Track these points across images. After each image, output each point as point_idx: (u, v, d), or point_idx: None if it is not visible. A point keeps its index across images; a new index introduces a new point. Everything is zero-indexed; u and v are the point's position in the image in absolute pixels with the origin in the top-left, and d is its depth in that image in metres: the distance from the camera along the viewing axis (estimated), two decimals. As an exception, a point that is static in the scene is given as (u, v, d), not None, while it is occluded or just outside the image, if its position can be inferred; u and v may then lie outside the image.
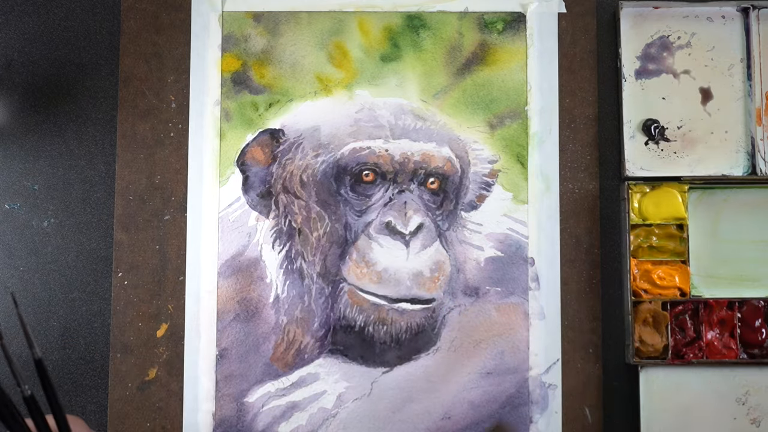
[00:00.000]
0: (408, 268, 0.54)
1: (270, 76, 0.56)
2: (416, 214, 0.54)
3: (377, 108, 0.55)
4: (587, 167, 0.55)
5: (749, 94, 0.55)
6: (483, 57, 0.56)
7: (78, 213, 0.55)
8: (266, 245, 0.54)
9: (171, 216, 0.54)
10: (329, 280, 0.54)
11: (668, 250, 0.54)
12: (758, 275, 0.55)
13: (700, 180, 0.54)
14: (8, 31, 0.56)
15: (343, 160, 0.55)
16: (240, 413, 0.53)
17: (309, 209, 0.54)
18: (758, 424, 0.53)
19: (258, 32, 0.56)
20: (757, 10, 0.56)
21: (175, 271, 0.54)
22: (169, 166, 0.55)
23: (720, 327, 0.53)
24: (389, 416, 0.53)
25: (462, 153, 0.55)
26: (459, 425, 0.53)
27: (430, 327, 0.54)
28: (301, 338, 0.54)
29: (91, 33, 0.57)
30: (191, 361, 0.53)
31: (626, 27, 0.56)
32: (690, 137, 0.56)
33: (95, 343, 0.54)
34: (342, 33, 0.56)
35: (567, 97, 0.56)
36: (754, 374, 0.53)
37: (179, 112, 0.55)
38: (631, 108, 0.56)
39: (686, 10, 0.56)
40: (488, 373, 0.54)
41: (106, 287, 0.54)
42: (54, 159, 0.56)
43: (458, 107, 0.56)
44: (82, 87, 0.56)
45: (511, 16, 0.56)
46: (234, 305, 0.54)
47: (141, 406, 0.53)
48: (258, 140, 0.55)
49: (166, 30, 0.56)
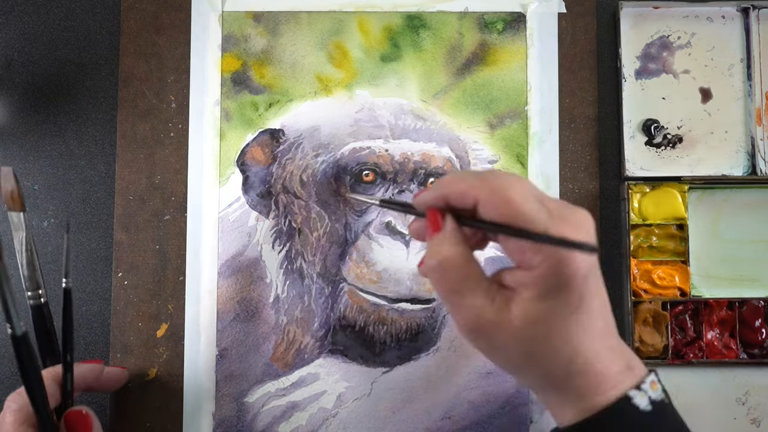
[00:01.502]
0: (408, 268, 0.54)
1: (270, 76, 0.56)
2: (416, 214, 0.54)
3: (377, 108, 0.55)
4: (587, 167, 0.55)
5: (749, 94, 0.55)
6: (483, 57, 0.56)
7: (78, 213, 0.55)
8: (266, 245, 0.54)
9: (171, 216, 0.54)
10: (329, 280, 0.54)
11: (668, 250, 0.54)
12: (758, 275, 0.55)
13: (700, 180, 0.54)
14: (8, 31, 0.56)
15: (343, 160, 0.55)
16: (240, 413, 0.53)
17: (309, 209, 0.55)
18: (758, 424, 0.53)
19: (258, 32, 0.56)
20: (757, 10, 0.56)
21: (175, 271, 0.54)
22: (169, 166, 0.55)
23: (720, 327, 0.53)
24: (389, 416, 0.53)
25: (462, 153, 0.55)
26: (459, 425, 0.53)
27: (430, 327, 0.54)
28: (301, 338, 0.54)
29: (91, 33, 0.57)
30: (191, 361, 0.53)
31: (626, 27, 0.56)
32: (690, 137, 0.56)
33: (95, 343, 0.54)
34: (342, 33, 0.56)
35: (567, 97, 0.56)
36: (754, 374, 0.53)
37: (179, 112, 0.55)
38: (631, 108, 0.56)
39: (686, 10, 0.56)
40: (488, 373, 0.54)
41: (106, 287, 0.54)
42: (54, 159, 0.56)
43: (458, 107, 0.56)
44: (82, 87, 0.56)
45: (511, 16, 0.56)
46: (234, 305, 0.54)
47: (141, 406, 0.53)
48: (258, 140, 0.55)
49: (166, 30, 0.56)
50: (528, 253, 0.34)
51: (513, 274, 0.36)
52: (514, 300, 0.35)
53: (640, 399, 0.35)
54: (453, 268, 0.36)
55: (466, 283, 0.36)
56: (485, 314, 0.35)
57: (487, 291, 0.36)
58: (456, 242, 0.37)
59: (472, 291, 0.36)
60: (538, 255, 0.34)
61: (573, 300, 0.34)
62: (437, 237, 0.37)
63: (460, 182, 0.36)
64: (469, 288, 0.36)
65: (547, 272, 0.34)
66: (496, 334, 0.35)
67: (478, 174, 0.37)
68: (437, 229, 0.38)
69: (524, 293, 0.35)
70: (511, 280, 0.36)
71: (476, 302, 0.35)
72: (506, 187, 0.35)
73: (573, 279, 0.34)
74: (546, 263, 0.34)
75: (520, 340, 0.35)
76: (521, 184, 0.35)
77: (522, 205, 0.34)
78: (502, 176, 0.36)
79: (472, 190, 0.36)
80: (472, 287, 0.36)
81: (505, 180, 0.35)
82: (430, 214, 0.38)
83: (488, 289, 0.36)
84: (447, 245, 0.37)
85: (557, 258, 0.33)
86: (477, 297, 0.36)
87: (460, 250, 0.37)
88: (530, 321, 0.35)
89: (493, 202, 0.35)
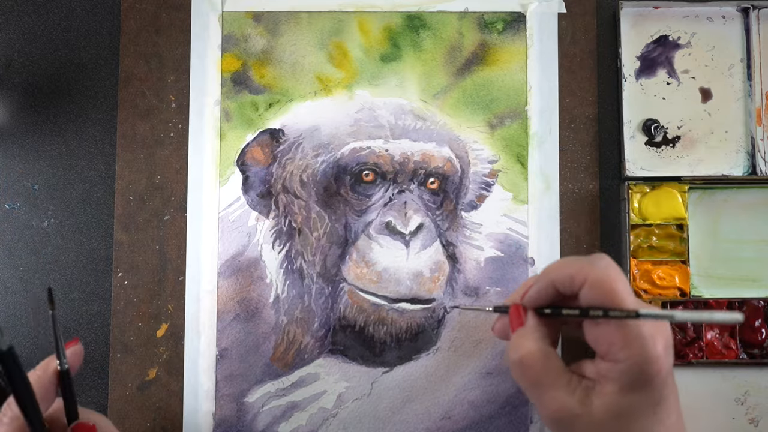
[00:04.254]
0: (408, 268, 0.54)
1: (270, 76, 0.56)
2: (416, 214, 0.54)
3: (377, 108, 0.55)
4: (587, 167, 0.55)
5: (749, 94, 0.55)
6: (483, 57, 0.56)
7: (78, 213, 0.55)
8: (266, 245, 0.54)
9: (171, 216, 0.54)
10: (329, 280, 0.54)
11: (668, 250, 0.54)
12: (758, 275, 0.55)
13: (700, 180, 0.54)
14: (8, 31, 0.56)
15: (343, 160, 0.55)
16: (240, 413, 0.53)
17: (309, 209, 0.54)
18: (756, 424, 0.53)
19: (258, 32, 0.56)
20: (757, 10, 0.56)
21: (175, 271, 0.54)
22: (169, 166, 0.55)
23: (720, 327, 0.53)
24: (389, 416, 0.53)
25: (462, 153, 0.55)
26: (459, 425, 0.53)
27: (430, 327, 0.54)
28: (301, 338, 0.54)
29: (91, 33, 0.57)
30: (191, 361, 0.53)
31: (626, 27, 0.56)
32: (690, 137, 0.56)
33: (95, 343, 0.54)
34: (342, 33, 0.56)
35: (567, 97, 0.56)
36: (754, 374, 0.53)
37: (179, 112, 0.55)
38: (631, 108, 0.56)
39: (686, 10, 0.56)
40: (488, 373, 0.54)
41: (106, 287, 0.54)
42: (54, 159, 0.56)
43: (458, 107, 0.56)
44: (82, 87, 0.56)
45: (511, 16, 0.56)
46: (234, 305, 0.54)
47: (141, 406, 0.53)
48: (258, 140, 0.55)
49: (166, 30, 0.56)
50: (615, 346, 0.36)
51: (596, 365, 0.38)
52: (596, 392, 0.37)
53: None
54: (535, 363, 0.39)
55: (547, 377, 0.38)
56: (567, 406, 0.37)
57: (568, 384, 0.38)
58: (537, 337, 0.39)
59: (553, 384, 0.38)
60: (625, 350, 0.36)
61: (654, 396, 0.37)
62: (519, 331, 0.40)
63: (567, 267, 0.39)
64: (550, 381, 0.38)
65: (633, 368, 0.36)
66: (578, 425, 0.37)
67: (584, 260, 0.39)
68: (520, 323, 0.41)
69: (607, 386, 0.37)
70: (593, 371, 0.38)
71: (557, 395, 0.38)
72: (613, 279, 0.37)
73: (657, 376, 0.36)
74: (632, 359, 0.36)
75: (601, 431, 0.37)
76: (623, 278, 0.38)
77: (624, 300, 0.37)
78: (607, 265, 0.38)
79: (579, 275, 0.38)
80: (553, 380, 0.38)
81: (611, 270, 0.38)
82: (513, 309, 0.41)
83: (569, 381, 0.38)
84: (529, 340, 0.39)
85: (644, 356, 0.36)
86: (558, 390, 0.38)
87: (540, 345, 0.39)
88: (612, 414, 0.37)
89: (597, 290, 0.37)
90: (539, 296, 0.41)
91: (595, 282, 0.37)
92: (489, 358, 0.54)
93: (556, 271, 0.39)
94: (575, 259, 0.39)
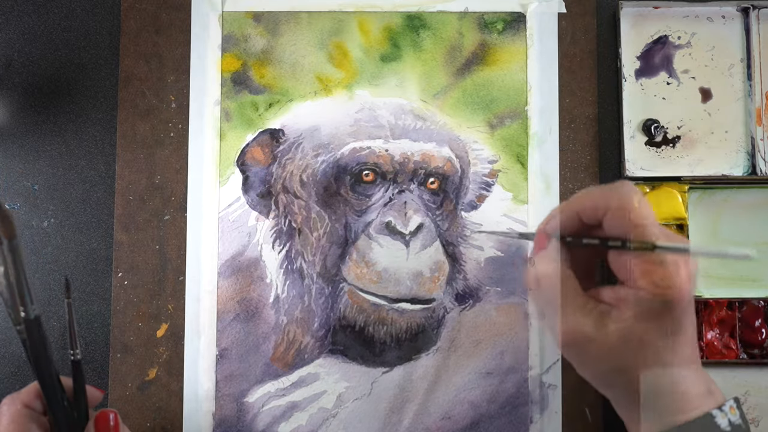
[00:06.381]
0: (408, 268, 0.54)
1: (270, 76, 0.56)
2: (416, 214, 0.54)
3: (377, 108, 0.55)
4: (587, 167, 0.55)
5: (749, 94, 0.55)
6: (483, 57, 0.56)
7: (78, 213, 0.55)
8: (266, 245, 0.54)
9: (171, 216, 0.55)
10: (329, 280, 0.54)
11: (668, 250, 0.54)
12: (758, 275, 0.55)
13: (700, 180, 0.54)
14: (8, 31, 0.56)
15: (343, 160, 0.55)
16: (240, 413, 0.53)
17: (309, 209, 0.55)
18: (757, 424, 0.53)
19: (258, 32, 0.56)
20: (757, 10, 0.56)
21: (175, 271, 0.54)
22: (169, 166, 0.55)
23: (720, 327, 0.53)
24: (389, 416, 0.53)
25: (462, 153, 0.55)
26: (459, 425, 0.53)
27: (430, 327, 0.54)
28: (301, 338, 0.54)
29: (91, 33, 0.57)
30: (191, 361, 0.53)
31: (626, 27, 0.56)
32: (690, 137, 0.56)
33: (95, 343, 0.54)
34: (342, 33, 0.56)
35: (567, 97, 0.56)
36: (754, 374, 0.53)
37: (179, 112, 0.55)
38: (631, 108, 0.56)
39: (686, 10, 0.56)
40: (488, 373, 0.54)
41: (106, 287, 0.54)
42: (54, 159, 0.56)
43: (458, 107, 0.56)
44: (82, 87, 0.56)
45: (511, 16, 0.56)
46: (234, 305, 0.54)
47: (141, 406, 0.53)
48: (258, 140, 0.55)
49: (166, 30, 0.56)
50: (637, 272, 0.36)
51: (616, 290, 0.38)
52: (612, 317, 0.37)
53: (721, 419, 0.37)
54: (552, 284, 0.39)
55: (563, 298, 0.38)
56: (581, 328, 0.37)
57: (584, 306, 0.38)
58: (555, 259, 0.40)
59: (569, 305, 0.38)
60: (646, 276, 0.36)
61: (670, 325, 0.36)
62: (541, 253, 0.41)
63: (590, 196, 0.39)
64: (566, 302, 0.38)
65: (653, 295, 0.36)
66: (591, 348, 0.37)
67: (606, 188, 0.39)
68: (543, 247, 0.41)
69: (624, 312, 0.37)
70: (611, 296, 0.38)
71: (573, 316, 0.38)
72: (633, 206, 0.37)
73: (677, 305, 0.36)
74: (653, 286, 0.36)
75: (613, 355, 0.37)
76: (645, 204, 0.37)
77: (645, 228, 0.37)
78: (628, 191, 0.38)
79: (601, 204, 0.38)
80: (569, 302, 0.38)
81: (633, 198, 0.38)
82: (538, 235, 0.42)
83: (585, 303, 0.38)
84: (549, 263, 0.40)
85: (665, 283, 0.36)
86: (574, 311, 0.38)
87: (557, 266, 0.39)
88: (627, 339, 0.36)
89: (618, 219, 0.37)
90: (564, 225, 0.41)
91: (616, 210, 0.37)
92: (489, 358, 0.54)
93: (580, 200, 0.40)
94: (598, 188, 0.39)
